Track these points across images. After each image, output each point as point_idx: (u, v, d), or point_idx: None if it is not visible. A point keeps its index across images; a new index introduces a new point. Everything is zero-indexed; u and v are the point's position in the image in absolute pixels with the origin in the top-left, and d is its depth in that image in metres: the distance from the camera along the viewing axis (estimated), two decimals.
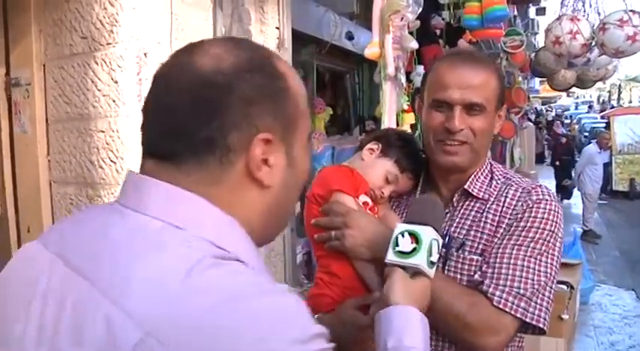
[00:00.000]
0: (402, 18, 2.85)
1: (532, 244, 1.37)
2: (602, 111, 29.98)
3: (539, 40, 16.84)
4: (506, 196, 1.47)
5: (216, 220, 0.78)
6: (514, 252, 1.37)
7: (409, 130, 3.10)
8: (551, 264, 1.38)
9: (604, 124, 17.50)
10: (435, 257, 1.19)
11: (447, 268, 1.45)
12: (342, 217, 1.41)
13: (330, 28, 4.47)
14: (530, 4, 16.71)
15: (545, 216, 1.40)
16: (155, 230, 0.75)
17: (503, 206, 1.46)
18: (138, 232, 0.75)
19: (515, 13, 6.17)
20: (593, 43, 3.95)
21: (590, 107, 40.19)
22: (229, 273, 0.71)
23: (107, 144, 2.27)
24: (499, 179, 1.54)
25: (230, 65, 0.78)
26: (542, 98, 31.72)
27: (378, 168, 1.57)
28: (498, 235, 1.43)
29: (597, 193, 10.70)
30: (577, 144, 16.47)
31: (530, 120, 14.34)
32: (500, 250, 1.39)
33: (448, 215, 1.53)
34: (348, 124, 5.67)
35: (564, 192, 12.65)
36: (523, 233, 1.39)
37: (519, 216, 1.42)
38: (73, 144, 2.41)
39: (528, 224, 1.40)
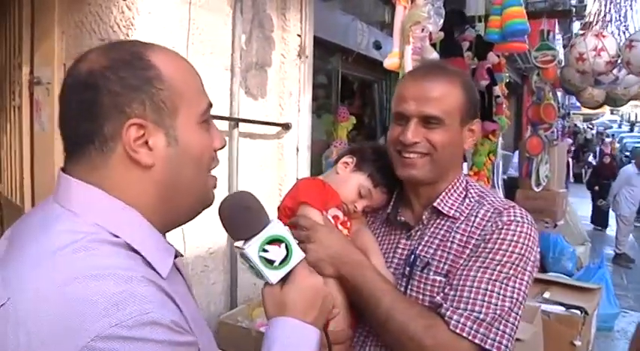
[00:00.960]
0: (423, 29, 2.81)
1: (498, 268, 1.30)
2: None
3: None
4: (476, 216, 1.40)
5: (107, 206, 0.88)
6: (478, 275, 1.31)
7: None
8: (519, 289, 1.30)
9: None
10: (272, 255, 1.07)
11: (409, 287, 1.41)
12: (306, 231, 1.37)
13: (356, 37, 4.46)
14: (574, 19, 16.40)
15: (515, 238, 1.33)
16: (54, 217, 0.87)
17: (472, 226, 1.40)
18: (44, 218, 0.88)
19: (551, 28, 6.03)
20: (619, 61, 3.82)
21: (632, 126, 39.05)
22: (87, 256, 0.80)
23: None
24: (473, 197, 1.47)
25: (99, 66, 0.88)
26: (584, 115, 30.94)
27: (351, 182, 1.55)
28: (464, 256, 1.36)
29: (633, 216, 10.33)
30: (617, 164, 15.60)
31: (568, 137, 13.98)
32: (465, 272, 1.32)
33: (418, 233, 1.48)
34: (374, 133, 5.65)
35: (600, 218, 11.88)
36: (490, 255, 1.32)
37: (487, 237, 1.35)
38: None
39: (496, 246, 1.33)
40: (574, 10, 8.14)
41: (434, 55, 2.91)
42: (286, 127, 3.17)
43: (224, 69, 2.75)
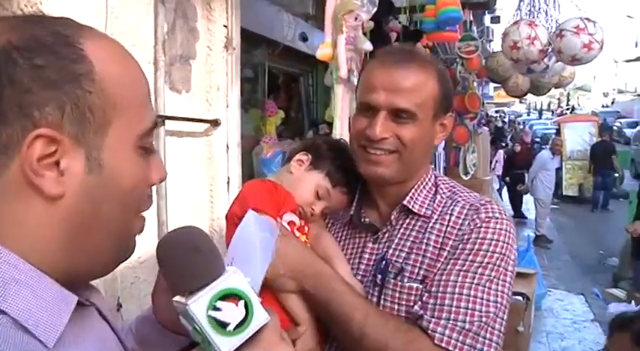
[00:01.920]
0: (356, 18, 2.72)
1: (480, 270, 1.20)
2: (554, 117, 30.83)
3: (494, 48, 17.12)
4: (451, 214, 1.29)
5: None
6: (459, 279, 1.19)
7: None
8: (502, 292, 1.20)
9: (554, 131, 17.92)
10: (226, 315, 0.81)
11: (382, 297, 1.27)
12: None
13: (283, 29, 4.32)
14: (486, 12, 17.01)
15: (495, 237, 1.23)
16: None
17: (447, 225, 1.28)
18: None
19: (472, 18, 6.16)
20: (550, 50, 3.91)
21: (540, 114, 41.31)
22: None
23: None
24: (444, 193, 1.36)
25: (6, 42, 0.63)
26: (497, 104, 32.36)
27: (307, 182, 1.41)
28: (442, 259, 1.24)
29: (550, 199, 10.86)
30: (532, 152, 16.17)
31: (484, 125, 14.44)
32: (444, 277, 1.21)
33: (386, 235, 1.35)
34: (302, 128, 5.54)
35: (517, 209, 12.05)
36: (470, 257, 1.21)
37: (466, 237, 1.24)
38: None
39: (476, 247, 1.22)
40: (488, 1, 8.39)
41: (367, 44, 2.83)
42: (215, 123, 2.98)
43: (147, 63, 2.53)
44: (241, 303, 0.82)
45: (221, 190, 3.06)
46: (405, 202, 1.33)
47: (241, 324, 0.82)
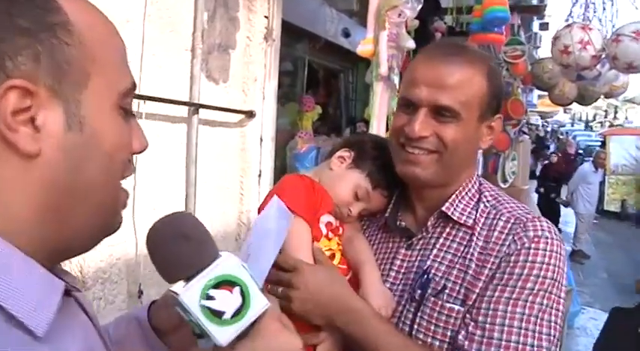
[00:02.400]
0: (400, 14, 2.64)
1: (531, 298, 1.09)
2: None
3: (541, 55, 16.73)
4: (494, 228, 1.18)
5: None
6: (509, 309, 1.08)
7: None
8: (555, 322, 1.10)
9: (599, 143, 17.39)
10: (221, 304, 0.76)
11: (419, 315, 1.17)
12: (288, 273, 1.14)
13: (325, 23, 4.26)
14: (535, 18, 16.64)
15: (547, 260, 1.11)
16: None
17: (490, 240, 1.17)
18: None
19: (519, 22, 5.98)
20: (604, 56, 3.71)
21: (587, 125, 40.23)
22: None
23: None
24: (488, 202, 1.24)
25: None
26: (540, 113, 31.63)
27: (346, 181, 1.33)
28: (483, 277, 1.13)
29: (591, 213, 10.48)
30: (573, 164, 15.35)
31: (525, 133, 14.05)
32: (493, 306, 1.10)
33: (421, 242, 1.25)
34: (339, 125, 5.47)
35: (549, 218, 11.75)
36: (520, 283, 1.10)
37: (513, 258, 1.12)
38: None
39: (525, 271, 1.10)
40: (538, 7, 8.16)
41: (410, 42, 2.74)
42: (250, 114, 2.94)
43: (184, 50, 2.51)
44: (237, 290, 0.77)
45: (252, 182, 3.03)
46: (443, 209, 1.22)
47: (238, 312, 0.77)
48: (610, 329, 2.87)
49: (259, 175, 3.06)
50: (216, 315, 0.76)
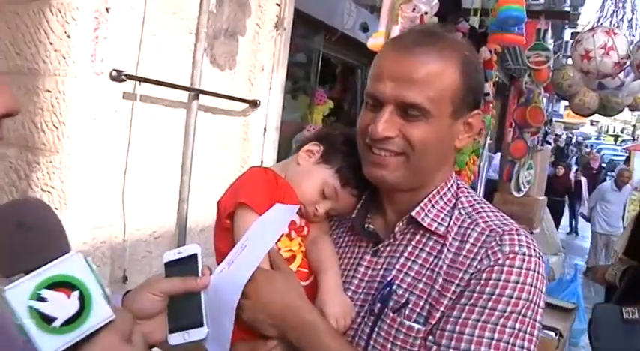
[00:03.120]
0: (414, 8, 2.54)
1: (502, 321, 0.97)
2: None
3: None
4: (467, 240, 1.06)
5: None
6: (477, 332, 0.97)
7: None
8: (528, 348, 0.98)
9: (623, 158, 17.02)
10: (53, 308, 0.67)
11: (376, 329, 1.06)
12: None
13: (343, 16, 4.15)
14: (567, 26, 16.28)
15: (522, 279, 0.99)
16: None
17: (461, 253, 1.05)
18: None
19: (547, 28, 5.80)
20: (628, 63, 3.52)
21: (616, 139, 39.48)
22: None
23: (52, 106, 1.99)
24: (463, 208, 1.12)
25: None
26: (565, 124, 31.14)
27: (314, 177, 1.23)
28: (448, 294, 1.02)
29: (608, 233, 10.15)
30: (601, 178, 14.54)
31: (547, 143, 13.74)
32: (458, 328, 0.98)
33: (387, 249, 1.14)
34: (353, 121, 5.36)
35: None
36: (490, 304, 0.98)
37: (484, 275, 1.00)
38: (20, 101, 2.13)
39: (497, 291, 0.98)
40: (570, 14, 7.96)
41: None
42: (254, 104, 2.86)
43: (188, 32, 2.44)
44: (75, 294, 0.67)
45: None
46: (413, 214, 1.11)
47: (72, 320, 0.67)
48: (596, 323, 2.84)
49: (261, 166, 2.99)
50: (45, 320, 0.65)
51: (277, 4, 2.93)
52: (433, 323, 1.02)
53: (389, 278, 1.09)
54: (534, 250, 1.04)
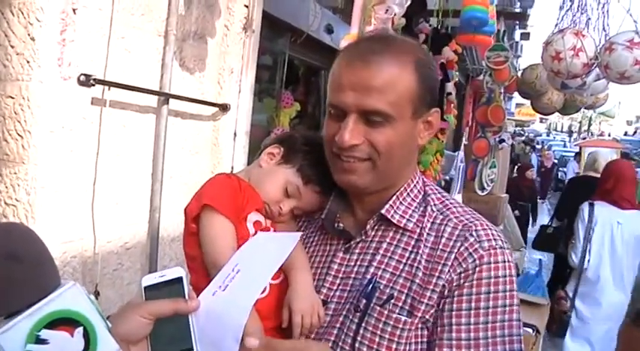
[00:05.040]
0: (387, 10, 2.52)
1: (507, 316, 1.07)
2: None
3: (522, 64, 16.84)
4: (442, 234, 1.13)
5: None
6: (489, 334, 1.06)
7: None
8: (518, 335, 1.08)
9: (573, 154, 17.58)
10: (53, 349, 0.60)
11: (363, 325, 1.09)
12: None
13: (308, 18, 4.11)
14: (517, 27, 16.74)
15: (508, 272, 1.09)
16: None
17: (438, 247, 1.11)
18: None
19: (504, 28, 5.90)
20: (596, 64, 3.63)
21: (569, 135, 40.85)
22: None
23: (15, 113, 1.87)
24: (434, 205, 1.19)
25: None
26: (517, 121, 32.00)
27: (276, 177, 1.28)
28: (431, 287, 1.08)
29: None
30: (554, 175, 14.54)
31: (502, 141, 13.92)
32: (473, 334, 1.06)
33: (359, 245, 1.18)
34: (318, 123, 5.33)
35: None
36: (491, 303, 1.07)
37: (476, 276, 1.07)
38: None
39: (492, 288, 1.07)
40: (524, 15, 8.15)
41: None
42: (224, 108, 2.79)
43: (156, 35, 2.35)
44: (79, 331, 0.60)
45: None
46: (383, 212, 1.16)
47: None
48: None
49: (231, 172, 2.91)
50: None
51: (245, 6, 2.86)
52: (419, 316, 1.07)
53: (368, 276, 1.13)
54: (503, 241, 1.13)
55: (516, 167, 11.74)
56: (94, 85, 1.96)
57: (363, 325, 1.09)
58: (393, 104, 1.07)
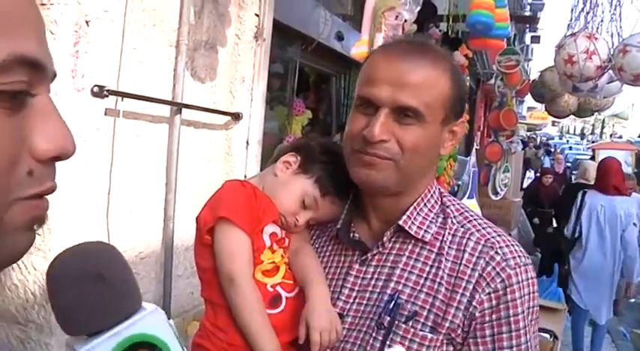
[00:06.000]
0: (397, 16, 2.52)
1: (531, 329, 1.08)
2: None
3: (533, 67, 16.76)
4: (464, 248, 1.09)
5: None
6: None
7: None
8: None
9: (588, 157, 17.40)
10: None
11: (388, 344, 1.06)
12: None
13: (319, 26, 4.12)
14: (527, 30, 16.68)
15: (533, 288, 1.09)
16: None
17: (460, 262, 1.08)
18: None
19: (514, 32, 5.88)
20: (609, 67, 3.61)
21: (581, 138, 40.59)
22: None
23: None
24: (454, 217, 1.15)
25: None
26: (529, 125, 31.80)
27: (292, 188, 1.23)
28: (454, 304, 1.05)
29: None
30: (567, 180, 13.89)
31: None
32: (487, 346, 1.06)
33: (376, 258, 1.14)
34: (329, 130, 5.33)
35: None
36: (521, 324, 1.05)
37: (509, 297, 1.05)
38: None
39: (523, 307, 1.06)
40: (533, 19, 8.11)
41: None
42: (236, 117, 2.80)
43: (168, 45, 2.36)
44: None
45: None
46: (400, 223, 1.12)
47: None
48: None
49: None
50: None
51: (256, 15, 2.88)
52: (443, 332, 1.05)
53: (387, 291, 1.09)
54: (526, 256, 1.11)
55: (532, 172, 11.38)
56: (107, 96, 1.97)
57: (388, 343, 1.06)
58: (428, 105, 1.06)
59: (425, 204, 1.15)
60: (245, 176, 2.88)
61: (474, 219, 1.15)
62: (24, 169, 0.48)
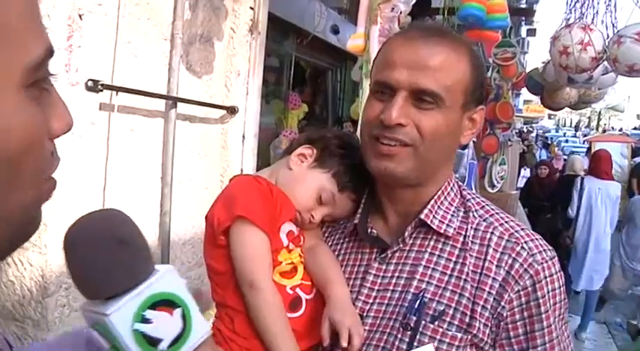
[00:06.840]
0: (393, 8, 2.50)
1: (564, 324, 1.06)
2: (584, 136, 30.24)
3: (529, 60, 16.77)
4: (488, 243, 1.05)
5: None
6: (563, 345, 1.05)
7: None
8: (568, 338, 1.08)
9: (585, 150, 17.41)
10: (158, 329, 0.62)
11: (415, 345, 1.01)
12: None
13: (314, 19, 4.11)
14: (523, 23, 16.66)
15: (561, 281, 1.05)
16: None
17: (485, 258, 1.04)
18: None
19: (511, 25, 5.86)
20: (604, 58, 3.60)
21: (576, 130, 40.67)
22: None
23: None
24: (475, 211, 1.10)
25: None
26: (525, 118, 31.82)
27: (309, 182, 1.17)
28: (481, 302, 1.02)
29: None
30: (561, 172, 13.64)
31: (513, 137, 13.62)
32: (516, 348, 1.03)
33: (396, 255, 1.09)
34: (325, 124, 5.33)
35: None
36: (552, 319, 1.03)
37: (539, 294, 1.02)
38: None
39: (553, 301, 1.03)
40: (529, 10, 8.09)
41: None
42: (232, 111, 2.79)
43: (162, 39, 2.35)
44: (178, 312, 0.63)
45: None
46: (422, 217, 1.07)
47: (177, 340, 0.62)
48: None
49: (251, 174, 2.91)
50: (151, 343, 0.60)
51: (251, 8, 2.86)
52: (473, 332, 1.01)
53: (411, 289, 1.05)
54: (550, 249, 1.07)
55: (527, 170, 11.40)
56: (101, 90, 1.96)
57: (415, 344, 1.01)
58: (447, 88, 1.02)
59: (445, 197, 1.10)
60: (241, 170, 2.88)
61: (496, 212, 1.10)
62: (49, 150, 0.53)
